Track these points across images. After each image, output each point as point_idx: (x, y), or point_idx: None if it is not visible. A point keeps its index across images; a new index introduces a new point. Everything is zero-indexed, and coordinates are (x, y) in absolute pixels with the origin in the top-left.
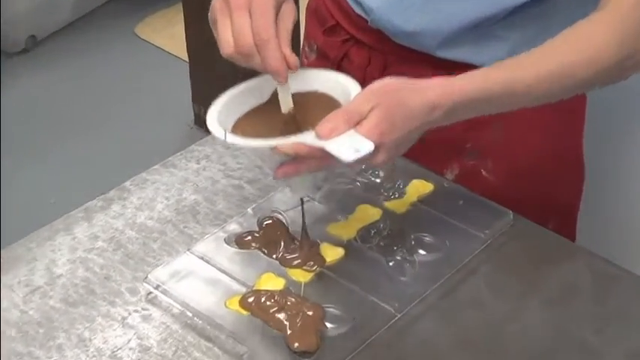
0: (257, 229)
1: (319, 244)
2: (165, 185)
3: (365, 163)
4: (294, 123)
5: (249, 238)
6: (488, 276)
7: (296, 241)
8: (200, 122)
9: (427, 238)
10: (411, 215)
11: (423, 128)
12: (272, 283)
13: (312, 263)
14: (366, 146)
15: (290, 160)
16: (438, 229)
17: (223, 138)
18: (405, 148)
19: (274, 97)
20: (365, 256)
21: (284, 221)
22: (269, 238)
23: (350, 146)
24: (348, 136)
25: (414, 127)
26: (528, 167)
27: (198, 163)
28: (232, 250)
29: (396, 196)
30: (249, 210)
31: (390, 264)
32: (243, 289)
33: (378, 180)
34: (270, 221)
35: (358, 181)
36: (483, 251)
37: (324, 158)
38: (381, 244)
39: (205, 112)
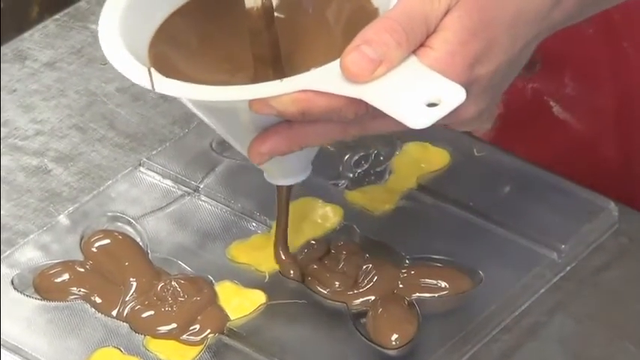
0: (80, 255)
1: (212, 284)
2: None
3: (443, 122)
4: (273, 42)
5: (67, 276)
6: (569, 338)
7: (172, 283)
8: None
9: (437, 266)
10: (403, 218)
11: (543, 36)
12: None
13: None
14: (449, 92)
15: (284, 126)
16: (462, 246)
17: (148, 83)
18: (510, 80)
19: None
20: (308, 305)
21: (137, 238)
22: (106, 273)
23: (416, 95)
24: (409, 73)
25: (528, 38)
26: None
27: None
28: (32, 303)
29: (372, 179)
30: (62, 217)
31: (362, 320)
32: None
33: (330, 147)
34: (108, 240)
35: None
36: (558, 287)
37: (360, 121)
38: (338, 283)
39: None
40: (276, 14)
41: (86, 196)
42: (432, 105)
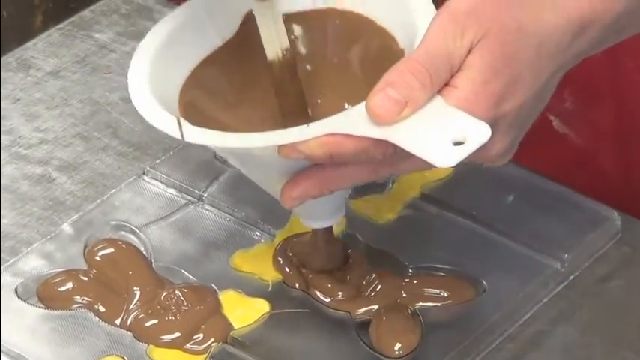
0: (84, 264)
1: (216, 293)
2: None
3: (470, 160)
4: (297, 91)
5: (70, 284)
6: (572, 348)
7: (176, 291)
8: None
9: (440, 275)
10: (407, 227)
11: (565, 68)
12: None
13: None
14: (474, 130)
15: (314, 170)
16: (466, 255)
17: (178, 133)
18: (536, 115)
19: (248, 29)
20: (312, 314)
21: (141, 247)
22: (110, 281)
23: (442, 135)
24: (434, 112)
25: (552, 70)
26: None
27: None
28: (36, 312)
29: (375, 188)
30: (66, 226)
31: (366, 329)
32: None
33: None
34: (112, 249)
35: None
36: (561, 296)
37: (389, 162)
38: (348, 292)
39: None
40: (301, 59)
41: (90, 204)
42: (458, 144)
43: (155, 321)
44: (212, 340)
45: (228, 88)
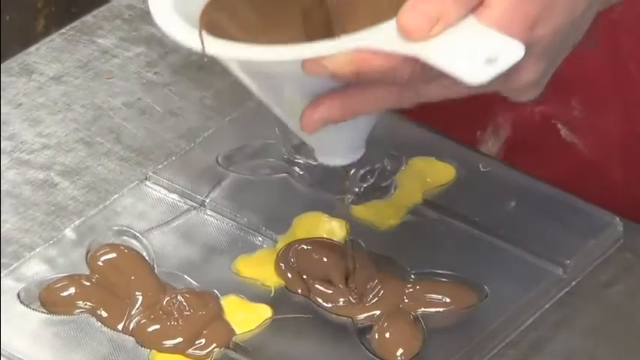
0: (86, 269)
1: (218, 298)
2: None
3: (500, 86)
4: (324, 12)
5: (73, 289)
6: (574, 354)
7: (178, 297)
8: None
9: (442, 281)
10: (409, 233)
11: (593, 13)
12: None
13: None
14: (507, 48)
15: (337, 91)
16: (468, 261)
17: (199, 46)
18: (569, 47)
19: None
20: (314, 320)
21: (143, 252)
22: (112, 287)
23: (473, 51)
24: (466, 30)
25: (588, 2)
26: None
27: None
28: (38, 317)
29: (378, 194)
30: (68, 231)
31: (368, 335)
32: None
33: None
34: (114, 254)
35: (298, 163)
36: (563, 302)
37: (415, 85)
38: (352, 297)
39: None
40: None
41: (92, 210)
42: (489, 63)
43: (157, 326)
44: (214, 345)
45: (252, 13)
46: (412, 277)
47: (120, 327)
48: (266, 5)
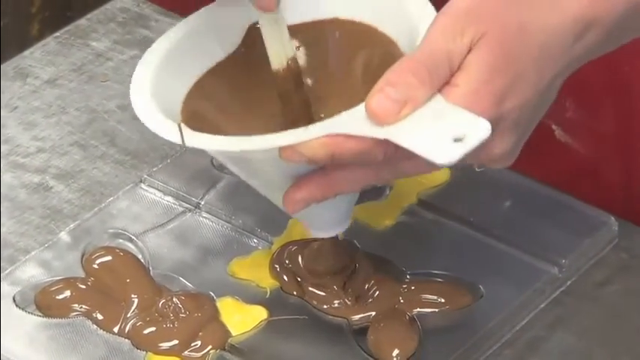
0: (81, 272)
1: (213, 300)
2: None
3: (472, 160)
4: (301, 96)
5: (68, 292)
6: (569, 353)
7: (174, 299)
8: None
9: (438, 281)
10: (404, 234)
11: (568, 71)
12: None
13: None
14: (474, 126)
15: (317, 173)
16: (463, 261)
17: (179, 139)
18: (539, 117)
19: (251, 41)
20: (310, 321)
21: (138, 255)
22: (107, 289)
23: (440, 131)
24: (434, 110)
25: (555, 72)
26: None
27: None
28: (34, 320)
29: (372, 195)
30: (63, 234)
31: (363, 336)
32: None
33: None
34: (109, 257)
35: None
36: (559, 302)
37: (391, 163)
38: (348, 300)
39: None
40: (304, 70)
41: (87, 213)
42: (458, 141)
43: (153, 328)
44: (210, 347)
45: (232, 100)
46: (407, 277)
47: (116, 329)
48: (246, 91)
